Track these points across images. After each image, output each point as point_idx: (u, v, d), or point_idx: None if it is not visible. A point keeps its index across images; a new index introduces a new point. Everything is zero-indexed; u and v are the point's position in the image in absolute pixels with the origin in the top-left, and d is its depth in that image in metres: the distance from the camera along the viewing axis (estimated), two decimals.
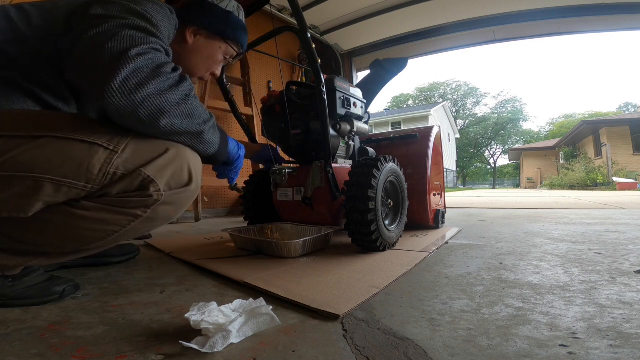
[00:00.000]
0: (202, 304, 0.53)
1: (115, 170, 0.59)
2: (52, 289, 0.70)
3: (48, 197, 0.56)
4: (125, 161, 0.59)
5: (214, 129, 0.71)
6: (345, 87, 1.31)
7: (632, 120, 13.64)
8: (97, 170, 0.57)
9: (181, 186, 0.66)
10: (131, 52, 0.55)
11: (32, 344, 0.50)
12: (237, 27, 0.91)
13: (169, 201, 0.65)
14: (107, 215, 0.62)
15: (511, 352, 0.46)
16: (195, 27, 0.86)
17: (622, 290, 0.71)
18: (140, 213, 0.63)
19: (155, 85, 0.57)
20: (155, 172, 0.62)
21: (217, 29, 0.88)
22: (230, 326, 0.47)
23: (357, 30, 3.64)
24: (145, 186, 0.61)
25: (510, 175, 34.62)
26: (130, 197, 0.61)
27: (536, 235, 1.46)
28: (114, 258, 1.04)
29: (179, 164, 0.65)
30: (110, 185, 0.60)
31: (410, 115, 21.35)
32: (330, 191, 1.19)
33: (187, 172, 0.67)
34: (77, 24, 0.60)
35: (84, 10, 0.61)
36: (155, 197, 0.62)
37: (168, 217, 0.69)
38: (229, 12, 0.89)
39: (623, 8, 2.98)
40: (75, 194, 0.58)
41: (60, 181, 0.56)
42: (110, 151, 0.58)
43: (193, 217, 2.50)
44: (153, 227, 0.71)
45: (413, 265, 0.95)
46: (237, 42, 0.93)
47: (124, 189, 0.61)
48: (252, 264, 0.99)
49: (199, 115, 0.65)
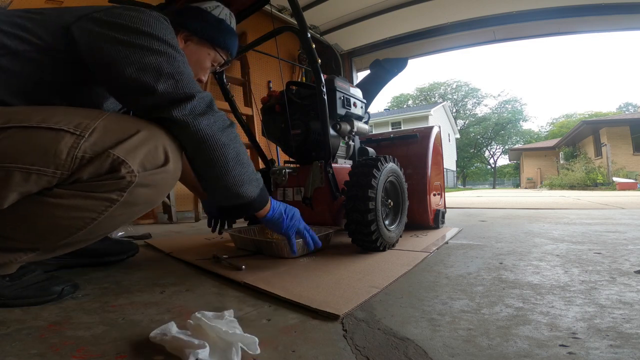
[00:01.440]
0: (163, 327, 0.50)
1: (83, 154, 0.59)
2: (51, 288, 0.70)
3: (19, 186, 0.57)
4: (92, 144, 0.59)
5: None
6: (345, 87, 1.31)
7: (632, 120, 13.63)
8: (64, 155, 0.58)
9: (157, 166, 0.65)
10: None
11: (32, 344, 0.50)
12: (228, 36, 0.93)
13: (145, 183, 0.64)
14: (81, 202, 0.61)
15: (511, 352, 0.46)
16: (187, 32, 0.87)
17: (622, 290, 0.70)
18: (115, 197, 0.62)
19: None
20: (126, 153, 0.61)
21: (209, 36, 0.89)
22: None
23: (357, 30, 3.64)
24: (116, 167, 0.60)
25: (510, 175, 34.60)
26: (102, 180, 0.61)
27: (536, 235, 1.46)
28: (113, 257, 1.04)
29: (152, 144, 0.64)
30: (80, 169, 0.59)
31: (410, 115, 21.35)
32: (330, 191, 1.19)
33: (163, 152, 0.66)
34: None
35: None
36: (128, 178, 0.61)
37: (148, 200, 0.68)
38: (221, 19, 0.91)
39: (623, 8, 2.98)
40: (46, 182, 0.59)
41: (29, 169, 0.56)
42: (77, 136, 0.59)
43: (193, 217, 2.50)
44: (134, 212, 0.70)
45: (413, 265, 0.95)
46: (226, 50, 0.94)
47: (94, 172, 0.60)
48: (252, 264, 0.99)
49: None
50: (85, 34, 0.65)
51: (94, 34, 0.65)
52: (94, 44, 0.65)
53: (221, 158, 0.70)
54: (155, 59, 0.65)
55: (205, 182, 0.76)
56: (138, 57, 0.64)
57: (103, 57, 0.65)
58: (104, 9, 0.68)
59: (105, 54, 0.64)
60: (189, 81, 0.68)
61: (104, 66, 0.66)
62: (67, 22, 0.66)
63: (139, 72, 0.64)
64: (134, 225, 2.07)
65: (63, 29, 0.65)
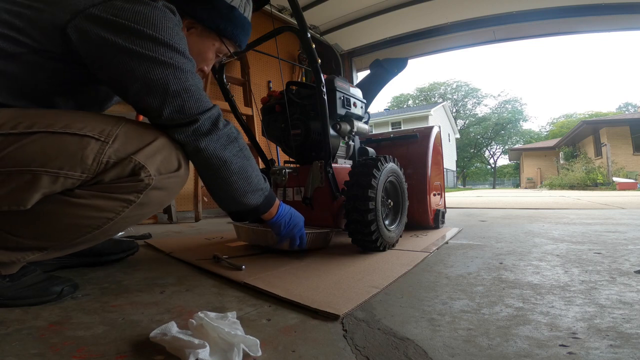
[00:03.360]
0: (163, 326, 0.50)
1: (108, 159, 0.62)
2: (51, 288, 0.70)
3: (46, 188, 0.59)
4: (116, 150, 0.62)
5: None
6: (345, 87, 1.31)
7: (632, 120, 13.64)
8: (90, 160, 0.60)
9: (171, 171, 0.69)
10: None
11: (32, 344, 0.50)
12: (238, 25, 0.83)
13: (159, 186, 0.68)
14: (101, 202, 0.64)
15: (511, 352, 0.46)
16: (191, 19, 0.79)
17: (622, 290, 0.70)
18: (133, 198, 0.66)
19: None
20: (145, 159, 0.64)
21: (215, 24, 0.80)
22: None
23: (357, 30, 3.64)
24: (137, 172, 0.64)
25: (510, 175, 34.60)
26: (123, 182, 0.64)
27: (536, 235, 1.46)
28: (113, 255, 1.04)
29: (167, 151, 0.68)
30: (104, 172, 0.62)
31: (410, 115, 21.35)
32: (330, 191, 1.19)
33: (176, 159, 0.70)
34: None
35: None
36: (147, 181, 0.65)
37: (160, 202, 0.72)
38: (232, 7, 0.81)
39: (623, 8, 2.98)
40: (71, 184, 0.61)
41: (57, 172, 0.59)
42: (102, 142, 0.62)
43: (193, 217, 2.50)
44: (146, 213, 0.73)
45: (413, 265, 0.95)
46: (234, 41, 0.86)
47: (117, 175, 0.63)
48: (252, 264, 0.99)
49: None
50: (84, 37, 0.61)
51: (94, 38, 0.60)
52: (95, 51, 0.62)
53: (223, 174, 0.73)
54: (162, 72, 0.63)
55: (209, 190, 0.79)
56: (143, 71, 0.62)
57: (105, 69, 0.64)
58: (102, 2, 0.61)
59: (108, 64, 0.63)
60: (196, 99, 0.68)
61: (108, 78, 0.67)
62: (62, 21, 0.60)
63: (145, 90, 0.64)
64: (134, 226, 2.07)
65: (58, 30, 0.61)
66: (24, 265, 0.71)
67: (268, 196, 0.85)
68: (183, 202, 2.63)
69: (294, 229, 0.95)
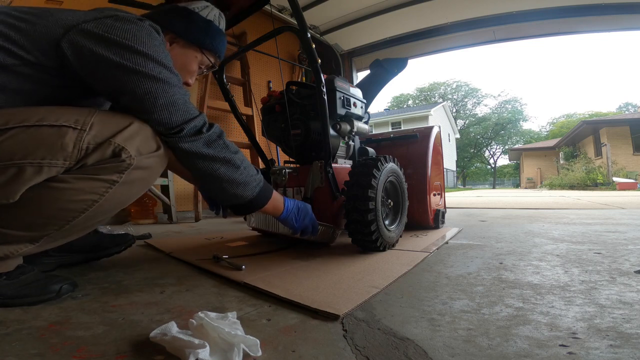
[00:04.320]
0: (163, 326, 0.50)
1: (88, 145, 0.64)
2: (49, 286, 0.70)
3: (31, 179, 0.61)
4: (94, 136, 0.65)
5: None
6: (345, 87, 1.31)
7: (632, 120, 13.63)
8: (71, 148, 0.63)
9: (151, 151, 0.71)
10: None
11: (32, 344, 0.50)
12: (216, 37, 0.89)
13: (141, 165, 0.70)
14: (84, 184, 0.66)
15: (511, 352, 0.46)
16: (172, 34, 0.84)
17: (622, 290, 0.70)
18: (115, 178, 0.67)
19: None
20: (124, 141, 0.67)
21: (196, 38, 0.86)
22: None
23: (357, 30, 3.64)
24: (117, 153, 0.66)
25: (510, 175, 34.60)
26: (105, 164, 0.66)
27: (536, 235, 1.46)
28: (110, 250, 1.04)
29: (144, 133, 0.70)
30: (85, 157, 0.65)
31: (410, 115, 21.34)
32: (330, 191, 1.19)
33: (154, 140, 0.72)
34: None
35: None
36: (128, 161, 0.67)
37: (143, 181, 0.74)
38: (209, 21, 0.87)
39: (623, 8, 2.98)
40: (55, 172, 0.64)
41: (40, 162, 0.61)
42: (79, 130, 0.64)
43: (193, 217, 2.50)
44: (132, 193, 0.74)
45: (413, 265, 0.95)
46: (214, 53, 0.91)
47: (99, 158, 0.66)
48: (252, 264, 0.99)
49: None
50: (77, 52, 0.65)
51: (86, 52, 0.64)
52: (88, 66, 0.66)
53: (209, 170, 0.76)
54: (150, 87, 0.67)
55: (206, 191, 0.82)
56: (133, 85, 0.67)
57: (97, 82, 0.69)
58: (94, 19, 0.66)
59: (99, 79, 0.68)
60: (183, 111, 0.72)
61: (101, 90, 0.72)
62: (56, 36, 0.64)
63: (135, 103, 0.69)
64: (134, 226, 2.07)
65: (52, 45, 0.64)
66: (22, 265, 0.72)
67: (263, 188, 0.87)
68: (183, 202, 2.63)
69: (305, 218, 1.00)
